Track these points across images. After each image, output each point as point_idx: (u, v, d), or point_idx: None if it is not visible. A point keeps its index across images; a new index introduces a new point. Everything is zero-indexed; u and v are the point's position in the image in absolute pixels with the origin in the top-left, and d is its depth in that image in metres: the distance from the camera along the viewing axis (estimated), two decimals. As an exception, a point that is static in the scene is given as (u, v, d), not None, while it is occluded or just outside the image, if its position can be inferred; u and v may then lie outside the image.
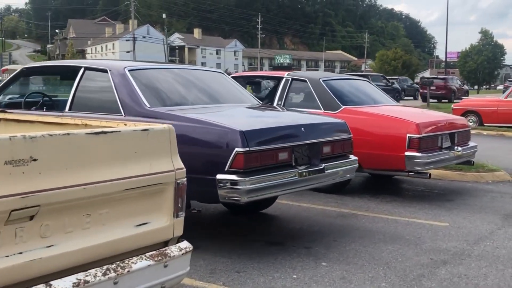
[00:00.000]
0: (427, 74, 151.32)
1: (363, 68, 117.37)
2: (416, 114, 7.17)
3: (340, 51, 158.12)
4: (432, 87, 35.60)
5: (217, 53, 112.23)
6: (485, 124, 17.93)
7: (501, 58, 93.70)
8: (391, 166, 6.52)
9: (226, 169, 4.10)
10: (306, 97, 7.31)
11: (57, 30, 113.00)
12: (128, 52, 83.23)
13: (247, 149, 4.10)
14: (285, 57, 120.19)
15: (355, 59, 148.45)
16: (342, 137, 5.19)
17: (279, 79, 7.46)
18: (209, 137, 4.26)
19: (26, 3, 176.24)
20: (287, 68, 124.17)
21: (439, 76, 45.65)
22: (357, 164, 5.38)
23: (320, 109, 6.94)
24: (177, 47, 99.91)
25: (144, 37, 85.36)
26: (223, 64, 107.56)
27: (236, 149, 4.10)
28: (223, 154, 4.12)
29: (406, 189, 7.55)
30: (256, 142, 4.19)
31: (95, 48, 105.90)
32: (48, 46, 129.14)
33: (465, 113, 18.44)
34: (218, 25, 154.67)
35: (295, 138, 4.61)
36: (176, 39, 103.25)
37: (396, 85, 39.03)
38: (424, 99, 33.64)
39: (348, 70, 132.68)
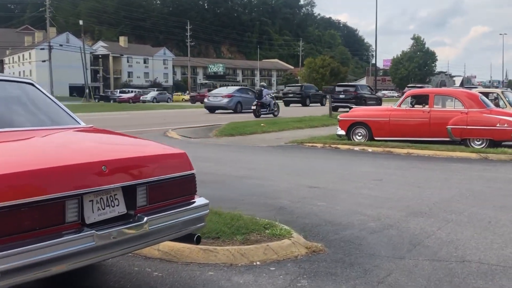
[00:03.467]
0: (363, 81, 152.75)
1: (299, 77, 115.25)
2: (27, 151, 3.47)
3: (276, 60, 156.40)
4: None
5: (144, 62, 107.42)
6: (376, 138, 14.75)
7: (432, 65, 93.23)
8: None
9: None
10: None
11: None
12: (44, 61, 77.88)
13: None
14: (218, 65, 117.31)
15: (292, 67, 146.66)
16: None
17: None
18: None
19: None
20: (221, 77, 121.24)
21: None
22: None
23: None
24: (100, 55, 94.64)
25: (61, 45, 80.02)
26: (151, 73, 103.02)
27: None
28: None
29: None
30: None
31: (13, 58, 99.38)
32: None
33: (353, 126, 15.24)
34: (152, 34, 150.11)
35: None
36: (100, 47, 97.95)
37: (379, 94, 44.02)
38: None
39: (284, 79, 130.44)
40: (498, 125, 13.41)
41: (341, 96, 35.38)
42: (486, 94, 16.85)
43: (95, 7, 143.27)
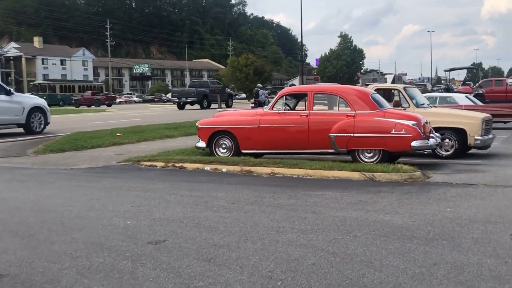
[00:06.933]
0: (296, 81, 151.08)
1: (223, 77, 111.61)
2: None
3: (207, 60, 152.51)
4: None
5: (62, 63, 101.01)
6: (244, 152, 11.21)
7: (360, 62, 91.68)
8: None
9: None
10: None
11: None
12: None
13: None
14: (143, 66, 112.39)
15: (223, 67, 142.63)
16: None
17: None
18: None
19: None
20: (148, 77, 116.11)
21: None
22: None
23: None
24: (11, 57, 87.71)
25: (-37, 46, 73.17)
26: (70, 75, 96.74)
27: None
28: None
29: None
30: None
31: None
32: None
33: (215, 135, 11.60)
34: (76, 34, 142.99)
35: None
36: (12, 48, 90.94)
37: None
38: None
39: (214, 79, 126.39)
40: (393, 132, 10.06)
41: None
42: (387, 91, 13.48)
43: (13, 7, 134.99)
